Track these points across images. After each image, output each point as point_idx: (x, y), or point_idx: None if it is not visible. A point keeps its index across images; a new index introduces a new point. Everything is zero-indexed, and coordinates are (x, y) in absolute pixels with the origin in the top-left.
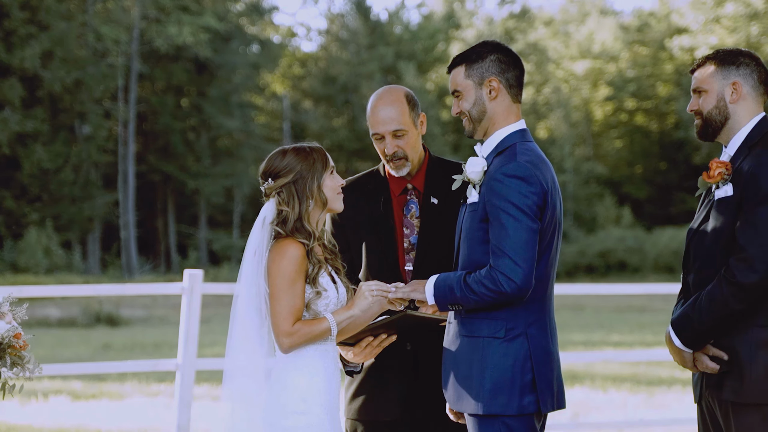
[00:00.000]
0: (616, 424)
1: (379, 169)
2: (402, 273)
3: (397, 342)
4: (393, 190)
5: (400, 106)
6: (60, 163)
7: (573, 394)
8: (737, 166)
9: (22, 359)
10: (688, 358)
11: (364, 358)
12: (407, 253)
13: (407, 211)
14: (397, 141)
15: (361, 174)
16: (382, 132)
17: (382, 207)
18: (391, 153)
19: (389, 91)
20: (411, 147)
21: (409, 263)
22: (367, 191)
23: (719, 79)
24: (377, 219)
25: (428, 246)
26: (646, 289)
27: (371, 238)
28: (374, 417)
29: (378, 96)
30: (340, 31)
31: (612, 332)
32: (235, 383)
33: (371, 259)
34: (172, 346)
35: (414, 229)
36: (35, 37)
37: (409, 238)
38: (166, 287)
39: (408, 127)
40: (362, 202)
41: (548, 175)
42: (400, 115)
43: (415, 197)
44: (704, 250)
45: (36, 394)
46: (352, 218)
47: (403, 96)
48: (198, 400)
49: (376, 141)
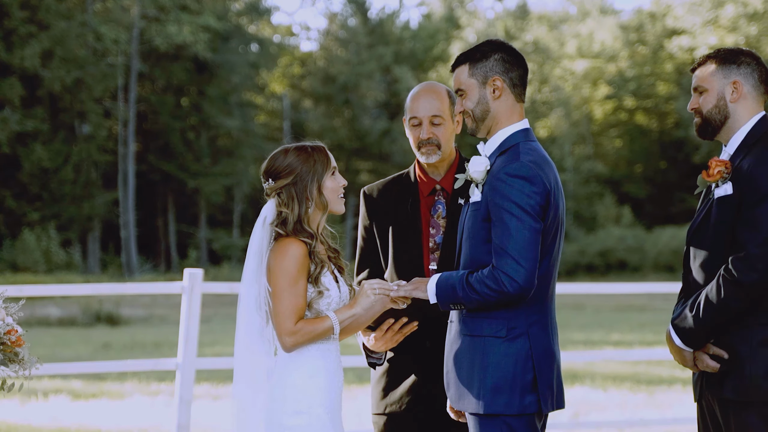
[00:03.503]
0: (616, 423)
1: (409, 172)
2: (426, 272)
3: (418, 339)
4: (422, 191)
5: (442, 96)
6: (60, 163)
7: (573, 394)
8: (737, 165)
9: (17, 355)
10: (689, 357)
11: (385, 344)
12: (432, 252)
13: (434, 212)
14: (434, 128)
15: (390, 178)
16: (421, 116)
17: (409, 207)
18: (426, 138)
19: (433, 83)
20: (445, 138)
21: (433, 263)
22: (395, 194)
23: (720, 78)
24: (404, 219)
25: (453, 246)
26: (646, 289)
27: (398, 237)
28: (397, 412)
29: (421, 86)
30: (339, 31)
31: (612, 331)
32: (239, 383)
33: (397, 258)
34: (172, 346)
35: (440, 229)
36: (35, 37)
37: (434, 238)
38: (166, 287)
39: (446, 117)
40: (391, 205)
41: (551, 174)
42: (440, 104)
43: (442, 198)
44: (704, 249)
45: (36, 393)
46: (381, 221)
47: (445, 90)
48: (198, 399)
49: (411, 128)
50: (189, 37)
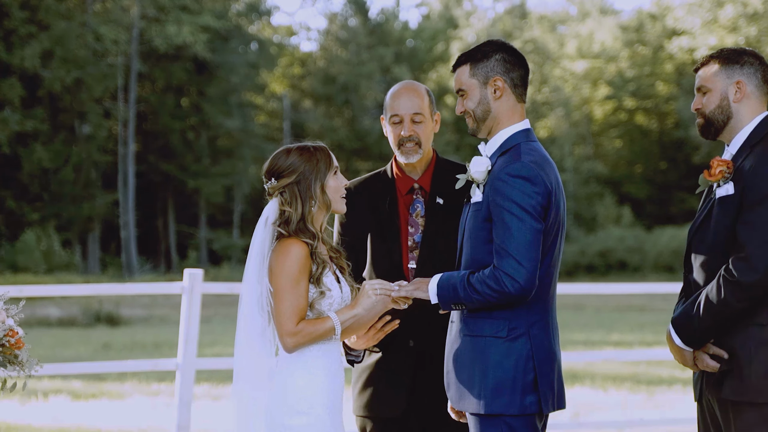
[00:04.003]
0: (616, 423)
1: (387, 170)
2: (405, 271)
3: (400, 338)
4: (400, 190)
5: (422, 95)
6: (60, 163)
7: (573, 394)
8: (739, 165)
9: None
10: (689, 356)
11: (366, 342)
12: (411, 251)
13: (413, 210)
14: (415, 126)
15: (369, 175)
16: (402, 114)
17: (387, 206)
18: (407, 135)
19: (412, 82)
20: (425, 136)
21: (412, 261)
22: (373, 192)
23: (723, 78)
24: (383, 218)
25: (432, 245)
26: (646, 289)
27: (376, 236)
28: (380, 413)
29: (401, 84)
30: (339, 31)
31: (612, 332)
32: (239, 383)
33: (376, 256)
34: (172, 346)
35: (419, 227)
36: (35, 37)
37: (413, 237)
38: (166, 287)
39: (427, 116)
40: (369, 203)
41: (552, 175)
42: (421, 102)
43: (421, 197)
44: (705, 249)
45: (36, 393)
46: (358, 218)
47: (424, 89)
48: (198, 399)
49: (392, 126)
50: (189, 37)
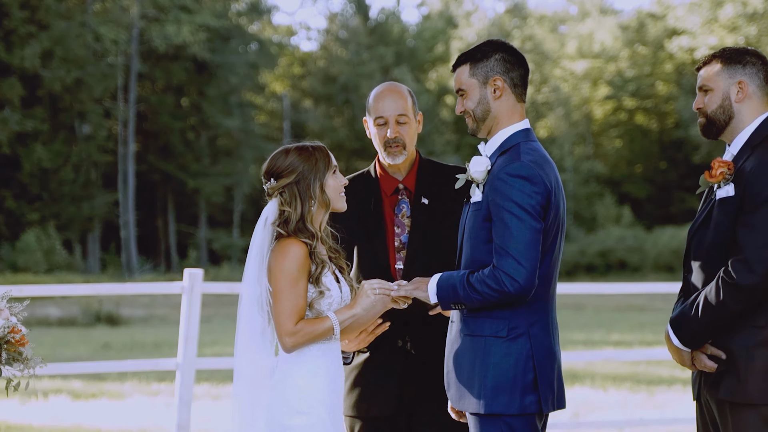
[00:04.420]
0: (616, 423)
1: (371, 170)
2: (392, 271)
3: (390, 338)
4: (384, 190)
5: (405, 96)
6: (60, 163)
7: (573, 394)
8: (739, 166)
9: (21, 354)
10: (687, 356)
11: (357, 345)
12: (398, 251)
13: (398, 211)
14: (399, 127)
15: (353, 175)
16: (387, 116)
17: (372, 207)
18: (393, 137)
19: (394, 83)
20: (410, 138)
21: (399, 262)
22: (358, 192)
23: (725, 77)
24: (368, 218)
25: (418, 245)
26: (646, 289)
27: (362, 237)
28: (369, 413)
29: (383, 86)
30: (339, 31)
31: (612, 331)
32: (240, 383)
33: (362, 257)
34: (172, 346)
35: (405, 228)
36: (35, 37)
37: (399, 237)
38: (166, 287)
39: (410, 117)
40: (354, 203)
41: (552, 174)
42: (404, 103)
43: (406, 197)
44: (705, 250)
45: (36, 393)
46: (343, 219)
47: (407, 90)
48: (198, 399)
49: (377, 128)
50: (188, 37)
